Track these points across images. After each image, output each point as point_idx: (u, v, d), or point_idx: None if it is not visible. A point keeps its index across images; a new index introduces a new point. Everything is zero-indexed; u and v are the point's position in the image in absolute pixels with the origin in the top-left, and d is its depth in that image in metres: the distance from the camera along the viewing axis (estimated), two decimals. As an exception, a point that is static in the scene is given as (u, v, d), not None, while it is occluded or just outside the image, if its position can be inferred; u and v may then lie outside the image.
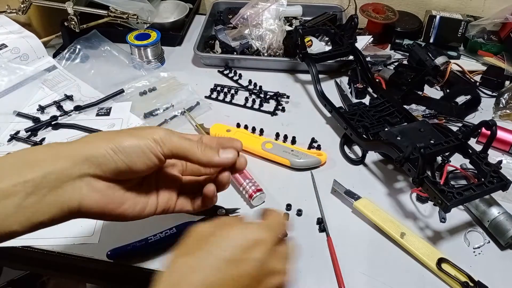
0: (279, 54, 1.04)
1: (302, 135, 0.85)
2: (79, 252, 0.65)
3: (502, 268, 0.64)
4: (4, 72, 0.95)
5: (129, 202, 0.47)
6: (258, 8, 1.06)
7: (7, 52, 0.97)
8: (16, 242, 0.66)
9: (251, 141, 0.82)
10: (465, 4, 1.15)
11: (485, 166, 0.67)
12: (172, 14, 1.22)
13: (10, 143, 0.84)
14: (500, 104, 0.91)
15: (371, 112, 0.85)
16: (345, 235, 0.68)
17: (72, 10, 1.01)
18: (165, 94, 0.95)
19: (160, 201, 0.51)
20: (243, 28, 1.05)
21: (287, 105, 0.94)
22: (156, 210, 0.51)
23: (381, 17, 1.09)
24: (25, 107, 0.92)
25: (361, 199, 0.71)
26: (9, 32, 1.00)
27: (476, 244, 0.67)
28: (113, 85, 0.97)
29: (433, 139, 0.72)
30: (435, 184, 0.63)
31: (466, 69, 1.01)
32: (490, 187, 0.64)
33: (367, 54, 1.02)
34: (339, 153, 0.83)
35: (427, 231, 0.69)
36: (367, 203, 0.70)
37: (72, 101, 0.94)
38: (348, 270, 0.63)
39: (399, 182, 0.77)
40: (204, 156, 0.47)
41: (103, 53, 1.07)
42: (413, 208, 0.72)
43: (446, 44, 1.08)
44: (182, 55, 1.10)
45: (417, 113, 0.88)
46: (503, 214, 0.66)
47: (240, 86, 1.00)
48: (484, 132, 0.81)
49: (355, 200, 0.71)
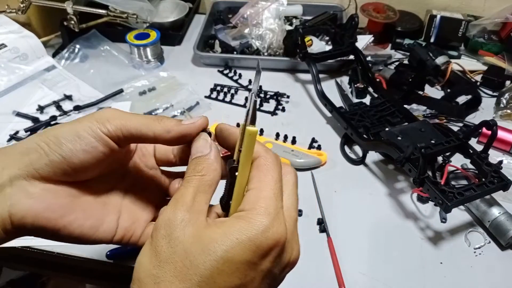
0: (279, 53, 1.04)
1: (302, 135, 0.85)
2: (79, 252, 0.65)
3: (503, 268, 0.64)
4: (4, 72, 0.95)
5: (77, 213, 0.36)
6: (258, 7, 1.05)
7: (6, 52, 0.97)
8: (16, 242, 0.66)
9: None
10: (466, 4, 1.15)
11: (486, 166, 0.67)
12: (171, 13, 1.22)
13: (10, 143, 0.84)
14: (501, 104, 0.91)
15: (372, 112, 0.85)
16: (345, 235, 0.68)
17: (71, 9, 1.01)
18: (165, 94, 0.95)
19: (122, 220, 0.39)
20: (243, 27, 1.05)
21: (287, 105, 0.94)
22: (116, 233, 0.38)
23: (382, 16, 1.09)
24: (24, 107, 0.92)
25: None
26: (9, 32, 1.00)
27: (477, 244, 0.67)
28: (113, 85, 0.97)
29: (433, 139, 0.72)
30: (436, 184, 0.63)
31: (467, 69, 1.00)
32: (491, 187, 0.64)
33: (368, 53, 1.02)
34: (339, 153, 0.83)
35: (428, 231, 0.69)
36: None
37: (71, 101, 0.94)
38: (348, 270, 0.63)
39: (400, 182, 0.77)
40: (164, 126, 0.36)
41: (103, 53, 1.07)
42: (414, 208, 0.72)
43: (447, 44, 1.08)
44: (181, 54, 1.10)
45: (418, 113, 0.88)
46: (503, 214, 0.66)
47: (240, 86, 0.99)
48: (485, 132, 0.81)
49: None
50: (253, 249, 0.30)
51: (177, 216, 0.31)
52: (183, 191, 0.33)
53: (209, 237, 0.30)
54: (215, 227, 0.31)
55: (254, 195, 0.32)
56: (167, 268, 0.29)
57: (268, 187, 0.32)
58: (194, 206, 0.32)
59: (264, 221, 0.30)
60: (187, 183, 0.33)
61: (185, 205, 0.31)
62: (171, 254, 0.29)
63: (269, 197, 0.32)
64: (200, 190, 0.33)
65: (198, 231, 0.30)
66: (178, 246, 0.29)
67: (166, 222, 0.31)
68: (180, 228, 0.30)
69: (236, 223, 0.30)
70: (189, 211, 0.31)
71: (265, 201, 0.32)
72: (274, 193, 0.32)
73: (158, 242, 0.30)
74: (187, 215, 0.31)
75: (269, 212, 0.31)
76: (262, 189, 0.32)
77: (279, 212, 0.32)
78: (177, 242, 0.30)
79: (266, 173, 0.33)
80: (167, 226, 0.30)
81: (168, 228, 0.30)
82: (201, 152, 0.35)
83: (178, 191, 0.33)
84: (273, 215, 0.31)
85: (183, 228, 0.30)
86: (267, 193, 0.32)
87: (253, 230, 0.30)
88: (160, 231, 0.31)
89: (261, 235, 0.30)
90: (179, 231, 0.30)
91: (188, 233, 0.30)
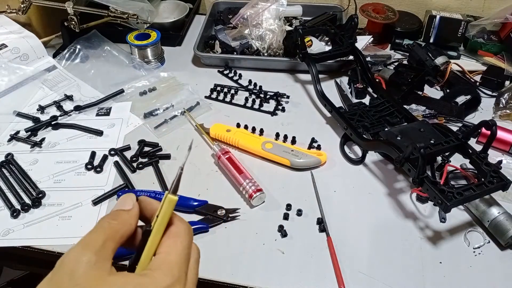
0: (279, 54, 1.04)
1: (302, 135, 0.85)
2: (79, 252, 0.65)
3: (502, 268, 0.64)
4: (4, 72, 0.95)
5: None
6: (258, 8, 1.06)
7: (7, 52, 0.97)
8: (16, 242, 0.67)
9: (251, 141, 0.82)
10: (465, 4, 1.15)
11: (485, 166, 0.67)
12: (172, 14, 1.22)
13: (10, 143, 0.84)
14: (500, 104, 0.91)
15: (371, 112, 0.85)
16: (345, 235, 0.68)
17: (72, 10, 1.01)
18: (165, 94, 0.96)
19: None
20: (243, 28, 1.05)
21: (287, 105, 0.94)
22: None
23: (381, 17, 1.09)
24: (25, 107, 0.92)
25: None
26: (9, 32, 1.00)
27: (476, 244, 0.67)
28: (113, 85, 0.97)
29: (433, 139, 0.72)
30: (435, 184, 0.63)
31: (466, 69, 1.01)
32: (490, 187, 0.64)
33: (367, 54, 1.02)
34: (339, 153, 0.83)
35: (427, 231, 0.69)
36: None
37: (72, 101, 0.94)
38: (348, 270, 0.63)
39: (399, 182, 0.77)
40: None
41: (103, 53, 1.07)
42: (413, 208, 0.72)
43: (446, 44, 1.08)
44: (182, 55, 1.10)
45: (417, 113, 0.88)
46: (503, 214, 0.66)
47: (240, 86, 1.00)
48: (484, 132, 0.81)
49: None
50: None
51: (85, 256, 0.31)
52: (94, 235, 0.33)
53: (111, 283, 0.30)
54: (119, 275, 0.31)
55: (161, 258, 0.33)
56: None
57: (176, 252, 0.34)
58: (102, 251, 0.32)
59: (167, 280, 0.31)
60: (99, 228, 0.34)
61: (94, 248, 0.32)
62: None
63: (175, 261, 0.33)
64: (110, 237, 0.33)
65: (101, 276, 0.31)
66: (80, 285, 0.30)
67: (73, 260, 0.31)
68: (85, 268, 0.30)
69: (139, 277, 0.31)
70: (96, 254, 0.31)
71: (171, 263, 0.33)
72: (181, 258, 0.34)
73: (61, 277, 0.30)
74: (94, 257, 0.31)
75: (173, 273, 0.32)
76: (170, 253, 0.34)
77: (181, 275, 0.33)
78: (79, 281, 0.30)
79: (176, 240, 0.34)
80: (73, 264, 0.31)
81: (74, 266, 0.30)
82: (123, 207, 0.36)
83: (89, 234, 0.33)
84: (176, 277, 0.32)
85: (89, 269, 0.30)
86: (174, 257, 0.33)
87: (154, 286, 0.31)
88: (64, 267, 0.31)
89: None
90: (84, 271, 0.30)
91: (92, 275, 0.30)
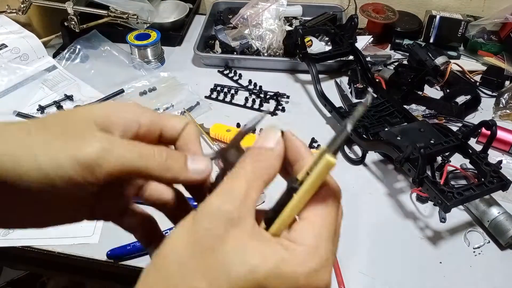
0: (279, 54, 1.04)
1: (302, 135, 0.84)
2: (79, 252, 0.65)
3: (502, 268, 0.64)
4: (4, 72, 0.95)
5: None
6: (258, 8, 1.06)
7: (7, 52, 0.97)
8: (16, 242, 0.67)
9: (251, 141, 0.82)
10: (465, 4, 1.15)
11: (485, 166, 0.67)
12: (172, 14, 1.22)
13: (10, 143, 0.84)
14: (500, 104, 0.91)
15: (371, 112, 0.85)
16: (345, 234, 0.68)
17: (72, 10, 1.01)
18: (165, 94, 0.95)
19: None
20: (243, 28, 1.05)
21: (287, 105, 0.94)
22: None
23: (381, 17, 1.09)
24: (25, 107, 0.92)
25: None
26: (9, 32, 1.00)
27: (476, 244, 0.67)
28: (113, 85, 0.97)
29: (433, 139, 0.72)
30: (435, 184, 0.63)
31: (466, 69, 1.00)
32: (490, 187, 0.64)
33: (367, 54, 1.02)
34: (339, 153, 0.83)
35: (427, 231, 0.69)
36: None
37: (72, 101, 0.94)
38: (348, 269, 0.63)
39: (399, 182, 0.77)
40: (167, 170, 0.30)
41: (103, 53, 1.07)
42: (413, 208, 0.72)
43: (446, 44, 1.08)
44: (182, 55, 1.10)
45: (417, 113, 0.88)
46: (503, 214, 0.66)
47: (240, 86, 1.00)
48: (484, 132, 0.81)
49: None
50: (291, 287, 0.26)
51: (225, 210, 0.26)
52: (235, 182, 0.27)
53: (252, 251, 0.26)
54: (260, 242, 0.26)
55: (307, 230, 0.27)
56: (198, 263, 0.25)
57: (325, 226, 0.28)
58: (246, 203, 0.26)
59: (312, 263, 0.26)
60: (241, 171, 0.28)
61: (237, 200, 0.26)
62: (206, 250, 0.25)
63: (325, 238, 0.27)
64: (254, 185, 0.27)
65: (242, 239, 0.26)
66: (217, 245, 0.25)
67: (212, 214, 0.26)
68: (225, 227, 0.26)
69: (281, 251, 0.26)
70: (239, 208, 0.26)
71: (318, 240, 0.27)
72: (330, 235, 0.28)
73: (199, 232, 0.26)
74: (236, 213, 0.26)
75: (320, 254, 0.27)
76: (320, 225, 0.28)
77: (329, 257, 0.27)
78: (217, 241, 0.25)
79: (326, 208, 0.29)
80: (212, 219, 0.26)
81: (212, 223, 0.26)
82: (267, 143, 0.30)
83: (227, 181, 0.28)
84: (324, 259, 0.27)
85: (229, 228, 0.26)
86: (324, 232, 0.28)
87: (299, 268, 0.26)
88: (203, 221, 0.26)
89: (305, 278, 0.26)
90: (223, 230, 0.25)
91: (232, 236, 0.26)
